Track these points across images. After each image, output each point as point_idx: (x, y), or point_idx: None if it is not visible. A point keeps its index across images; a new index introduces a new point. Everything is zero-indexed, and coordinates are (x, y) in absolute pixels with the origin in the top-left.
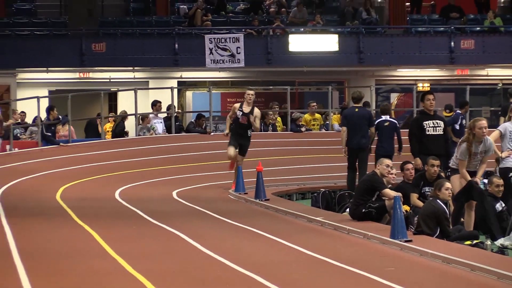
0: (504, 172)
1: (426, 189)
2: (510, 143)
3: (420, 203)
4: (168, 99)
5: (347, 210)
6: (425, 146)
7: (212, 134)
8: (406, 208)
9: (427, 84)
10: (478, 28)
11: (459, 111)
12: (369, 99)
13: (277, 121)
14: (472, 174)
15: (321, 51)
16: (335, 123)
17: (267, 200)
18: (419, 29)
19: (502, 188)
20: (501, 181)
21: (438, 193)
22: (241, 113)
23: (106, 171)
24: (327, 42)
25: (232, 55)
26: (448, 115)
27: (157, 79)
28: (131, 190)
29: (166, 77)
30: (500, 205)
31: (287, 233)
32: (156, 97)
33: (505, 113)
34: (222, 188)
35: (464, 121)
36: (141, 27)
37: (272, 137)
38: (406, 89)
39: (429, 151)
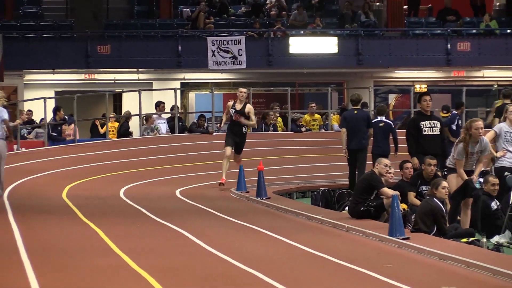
0: (499, 171)
1: (423, 187)
2: (505, 143)
3: (417, 202)
4: (172, 100)
5: (346, 208)
6: (422, 146)
7: (214, 134)
8: (403, 206)
9: (424, 85)
10: (474, 31)
11: (455, 112)
12: (368, 100)
13: (277, 121)
14: (469, 173)
15: (320, 53)
16: (335, 124)
17: (268, 198)
18: (417, 31)
19: (497, 187)
20: (496, 180)
21: (435, 191)
22: (234, 110)
23: (110, 170)
24: (327, 44)
25: (234, 57)
26: (445, 115)
27: (160, 80)
28: (135, 189)
29: (169, 79)
30: (495, 204)
31: (288, 231)
32: (160, 98)
33: (500, 114)
34: (224, 187)
35: (460, 122)
36: (145, 29)
37: (273, 137)
38: (404, 90)
39: (426, 150)
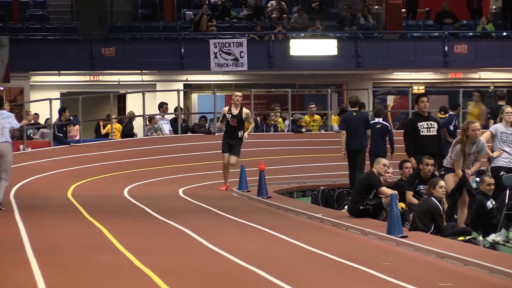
0: (496, 171)
1: (421, 187)
2: (501, 143)
3: (415, 201)
4: (175, 101)
5: (346, 207)
6: (419, 146)
7: (216, 134)
8: (402, 205)
9: (422, 87)
10: (471, 34)
11: (452, 113)
12: (367, 102)
13: (278, 121)
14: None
15: (320, 55)
16: (334, 124)
17: (269, 197)
18: (415, 34)
19: (493, 186)
20: (492, 180)
21: (432, 191)
22: (230, 115)
23: (115, 170)
24: (327, 47)
25: (235, 59)
26: (443, 116)
27: (164, 81)
28: (139, 188)
29: (172, 80)
30: (491, 203)
31: (288, 229)
32: (163, 99)
33: (494, 115)
34: (229, 187)
35: (457, 122)
36: (149, 32)
37: (274, 138)
38: (402, 91)
39: (423, 150)
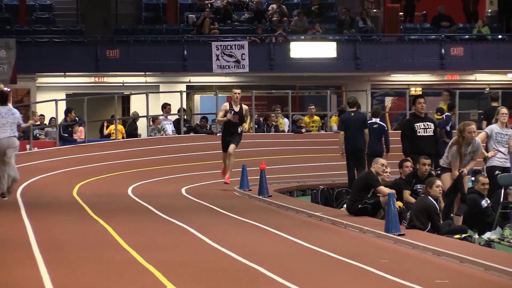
0: (491, 170)
1: (418, 186)
2: (496, 144)
3: (412, 200)
4: (178, 102)
5: (344, 206)
6: (416, 146)
7: (218, 134)
8: (399, 204)
9: (419, 88)
10: (467, 36)
11: (448, 114)
12: (365, 103)
13: (279, 122)
14: None
15: (320, 58)
16: (334, 125)
17: (269, 196)
18: (412, 37)
19: (487, 186)
20: (486, 179)
21: (429, 190)
22: (233, 112)
23: (119, 169)
24: (326, 49)
25: (237, 61)
26: (439, 117)
27: (167, 83)
28: (143, 187)
29: (175, 82)
30: (486, 202)
31: (288, 227)
32: (166, 100)
33: (488, 117)
34: (228, 185)
35: (452, 123)
36: (153, 34)
37: (275, 138)
38: (400, 93)
39: (421, 151)
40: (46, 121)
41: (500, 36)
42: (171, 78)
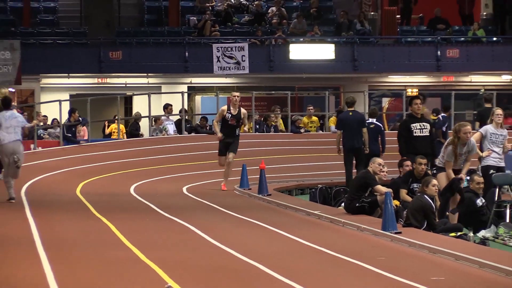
0: (485, 170)
1: (414, 185)
2: (490, 144)
3: (409, 198)
4: (179, 103)
5: (342, 204)
6: (412, 146)
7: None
8: (396, 202)
9: (416, 90)
10: (463, 39)
11: (444, 114)
12: (363, 104)
13: (279, 123)
14: (457, 172)
15: (318, 59)
16: (332, 125)
17: (269, 195)
18: (409, 39)
19: (482, 185)
20: (481, 179)
21: (425, 189)
22: (230, 115)
23: (122, 169)
24: (324, 51)
25: (237, 63)
26: (434, 118)
27: (169, 84)
28: (145, 186)
29: (177, 83)
30: (481, 201)
31: (288, 226)
32: (168, 100)
33: (481, 117)
34: (228, 184)
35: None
36: (155, 36)
37: (274, 138)
38: (397, 94)
39: (417, 150)
40: (49, 122)
41: (494, 39)
42: (172, 79)
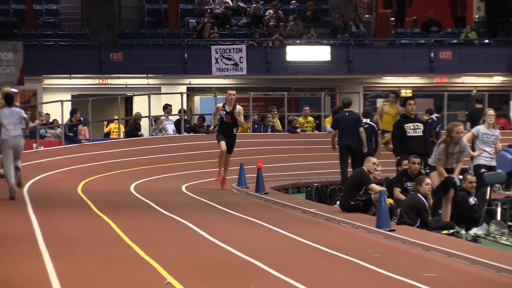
0: (477, 169)
1: (408, 184)
2: (482, 144)
3: (402, 197)
4: (178, 103)
5: (338, 202)
6: (406, 146)
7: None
8: (390, 201)
9: (409, 91)
10: (455, 41)
11: (438, 115)
12: (357, 104)
13: (276, 124)
14: (449, 171)
15: (315, 61)
16: (328, 125)
17: (266, 193)
18: (403, 41)
19: (475, 184)
20: (474, 178)
21: (419, 187)
22: (224, 112)
23: (122, 167)
24: (320, 53)
25: (235, 64)
26: (427, 118)
27: (168, 85)
28: (145, 184)
29: (176, 83)
30: (473, 199)
31: (284, 223)
32: (168, 101)
33: (472, 118)
34: (226, 183)
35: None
36: (154, 38)
37: (271, 137)
38: None
39: (410, 150)
40: (51, 120)
41: (486, 41)
42: (172, 80)
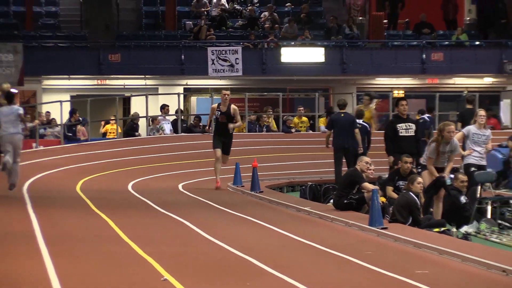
0: (467, 168)
1: (400, 183)
2: (472, 144)
3: (395, 195)
4: (175, 103)
5: (331, 201)
6: (398, 145)
7: (211, 131)
8: (382, 199)
9: (402, 91)
10: (447, 43)
11: (429, 115)
12: (351, 104)
13: (271, 124)
14: (440, 170)
15: (309, 62)
16: (322, 125)
17: (261, 192)
18: (395, 43)
19: (466, 183)
20: (465, 177)
21: (411, 186)
22: (219, 112)
23: (120, 166)
24: (315, 54)
25: (231, 65)
26: (418, 118)
27: (165, 85)
28: (142, 183)
29: (173, 84)
30: (464, 198)
31: (279, 221)
32: (165, 101)
33: (463, 118)
34: (222, 182)
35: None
36: (152, 40)
37: (266, 137)
38: (383, 95)
39: (402, 150)
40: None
41: (477, 43)
42: (169, 81)
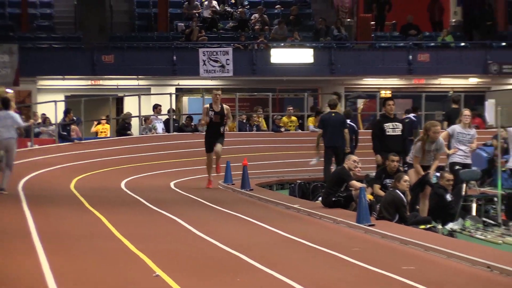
0: (452, 166)
1: (387, 181)
2: (457, 143)
3: (382, 193)
4: (167, 103)
5: (320, 198)
6: (385, 144)
7: (203, 131)
8: (369, 197)
9: (389, 91)
10: (433, 44)
11: (414, 114)
12: (340, 105)
13: (261, 123)
14: (426, 168)
15: (298, 63)
16: (310, 125)
17: (251, 190)
18: (382, 44)
19: (452, 182)
20: (451, 176)
21: (397, 184)
22: (213, 112)
23: (113, 165)
24: (304, 55)
25: (222, 66)
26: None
27: (158, 86)
28: (135, 181)
29: (165, 84)
30: (450, 196)
31: (268, 218)
32: (157, 101)
33: (449, 118)
34: (213, 180)
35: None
36: (145, 41)
37: (256, 136)
38: (371, 95)
39: (389, 148)
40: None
41: (463, 44)
42: (161, 81)
